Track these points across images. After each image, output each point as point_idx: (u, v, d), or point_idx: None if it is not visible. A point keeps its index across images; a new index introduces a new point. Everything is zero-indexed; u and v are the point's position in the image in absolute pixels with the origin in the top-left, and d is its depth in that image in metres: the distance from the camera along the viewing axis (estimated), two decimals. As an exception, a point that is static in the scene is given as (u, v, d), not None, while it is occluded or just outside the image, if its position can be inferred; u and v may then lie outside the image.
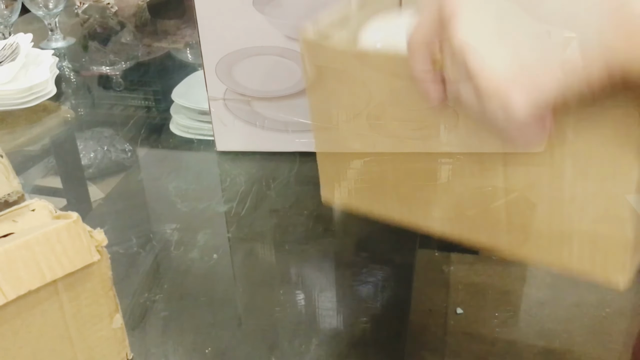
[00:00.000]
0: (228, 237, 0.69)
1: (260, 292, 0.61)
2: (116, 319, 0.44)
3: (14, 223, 0.41)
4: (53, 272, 0.38)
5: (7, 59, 0.98)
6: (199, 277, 0.63)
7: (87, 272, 0.41)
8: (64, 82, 1.12)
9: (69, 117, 0.99)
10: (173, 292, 0.61)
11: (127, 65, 1.20)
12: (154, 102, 1.04)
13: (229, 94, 0.80)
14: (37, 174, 0.84)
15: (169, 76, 1.11)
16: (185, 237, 0.68)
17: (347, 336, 0.55)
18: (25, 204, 0.43)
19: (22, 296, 0.37)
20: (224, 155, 0.84)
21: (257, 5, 0.74)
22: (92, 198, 0.80)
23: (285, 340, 0.55)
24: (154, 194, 0.78)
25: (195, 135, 0.90)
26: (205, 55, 0.78)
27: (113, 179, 0.82)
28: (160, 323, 0.57)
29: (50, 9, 1.24)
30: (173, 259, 0.65)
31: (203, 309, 0.59)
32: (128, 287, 0.61)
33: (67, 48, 1.27)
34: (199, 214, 0.72)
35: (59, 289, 0.40)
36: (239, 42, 0.76)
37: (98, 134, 0.94)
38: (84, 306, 0.42)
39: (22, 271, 0.37)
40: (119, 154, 0.88)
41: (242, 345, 0.54)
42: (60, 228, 0.38)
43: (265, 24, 0.75)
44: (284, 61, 0.77)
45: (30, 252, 0.37)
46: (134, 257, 0.66)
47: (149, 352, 0.54)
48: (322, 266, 0.62)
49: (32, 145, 0.90)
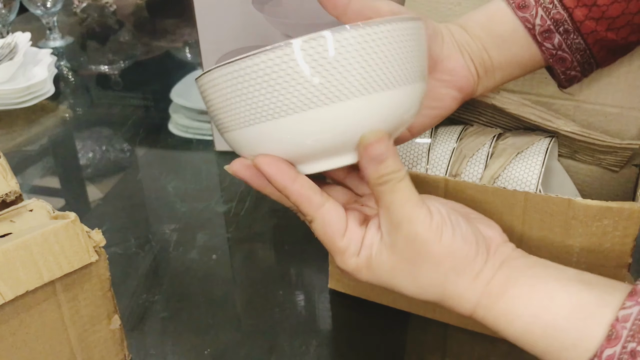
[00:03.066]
0: (227, 238, 0.68)
1: (259, 292, 0.61)
2: (114, 319, 0.44)
3: (12, 223, 0.41)
4: (51, 272, 0.38)
5: (5, 58, 0.98)
6: (198, 277, 0.63)
7: (86, 273, 0.41)
8: (62, 82, 1.11)
9: (67, 117, 0.99)
10: (172, 293, 0.61)
11: (125, 65, 1.20)
12: (152, 102, 1.04)
13: (228, 94, 0.80)
14: (35, 173, 0.84)
15: (167, 75, 1.11)
16: (184, 238, 0.68)
17: (347, 336, 0.55)
18: (23, 204, 0.42)
19: (20, 297, 0.37)
20: (223, 155, 0.83)
21: (256, 4, 0.74)
22: (91, 198, 0.80)
23: (285, 341, 0.54)
24: (153, 194, 0.78)
25: (194, 134, 0.90)
26: (204, 54, 0.77)
27: (111, 179, 0.82)
28: (159, 324, 0.57)
29: (49, 8, 1.23)
30: (172, 260, 0.65)
31: (202, 309, 0.58)
32: (127, 287, 0.61)
33: (66, 47, 1.26)
34: (198, 214, 0.72)
35: (57, 290, 0.40)
36: (238, 41, 0.76)
37: (96, 134, 0.94)
38: (83, 307, 0.42)
39: (20, 272, 0.37)
40: (118, 154, 0.88)
41: (242, 346, 0.54)
42: (58, 228, 0.38)
43: (265, 23, 0.75)
44: (283, 60, 0.77)
45: (28, 253, 0.37)
46: (132, 257, 0.65)
47: (148, 353, 0.54)
48: (322, 266, 0.61)
49: (30, 145, 0.89)
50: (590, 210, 0.42)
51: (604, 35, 0.46)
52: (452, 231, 0.37)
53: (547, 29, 0.46)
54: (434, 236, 0.37)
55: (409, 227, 0.37)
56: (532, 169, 0.52)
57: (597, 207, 0.42)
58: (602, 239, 0.43)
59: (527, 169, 0.52)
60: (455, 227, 0.37)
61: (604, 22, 0.46)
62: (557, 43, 0.47)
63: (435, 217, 0.37)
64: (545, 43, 0.47)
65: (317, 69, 0.34)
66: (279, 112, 0.35)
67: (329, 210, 0.38)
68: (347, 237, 0.39)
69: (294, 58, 0.34)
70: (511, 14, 0.47)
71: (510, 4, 0.47)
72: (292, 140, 0.36)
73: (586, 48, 0.47)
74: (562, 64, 0.48)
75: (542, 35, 0.47)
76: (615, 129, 0.56)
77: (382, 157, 0.36)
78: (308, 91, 0.34)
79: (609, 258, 0.43)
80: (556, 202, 0.43)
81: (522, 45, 0.47)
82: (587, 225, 0.43)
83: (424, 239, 0.37)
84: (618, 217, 0.42)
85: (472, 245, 0.38)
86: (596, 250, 0.44)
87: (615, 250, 0.43)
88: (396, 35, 0.35)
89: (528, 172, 0.52)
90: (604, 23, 0.46)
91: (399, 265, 0.38)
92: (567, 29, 0.46)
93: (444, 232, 0.37)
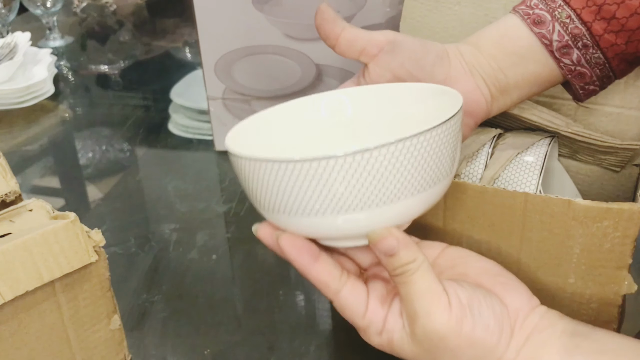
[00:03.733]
0: (227, 238, 0.68)
1: (259, 292, 0.61)
2: (114, 320, 0.44)
3: (12, 223, 0.41)
4: (51, 272, 0.38)
5: (5, 58, 0.98)
6: (198, 277, 0.63)
7: (85, 273, 0.41)
8: (62, 82, 1.11)
9: (67, 117, 0.99)
10: (172, 293, 0.60)
11: (125, 64, 1.20)
12: (152, 102, 1.04)
13: (228, 93, 0.80)
14: (34, 173, 0.84)
15: (167, 75, 1.11)
16: (184, 238, 0.68)
17: (347, 337, 0.55)
18: (22, 204, 0.42)
19: (20, 297, 0.37)
20: (223, 155, 0.83)
21: (256, 4, 0.74)
22: (90, 198, 0.80)
23: (285, 341, 0.54)
24: (153, 194, 0.78)
25: (194, 134, 0.89)
26: (204, 54, 0.77)
27: (111, 178, 0.82)
28: (159, 324, 0.57)
29: (49, 8, 1.23)
30: (172, 260, 0.65)
31: (202, 309, 0.58)
32: (126, 287, 0.61)
33: (65, 47, 1.26)
34: (198, 214, 0.72)
35: (56, 290, 0.40)
36: (238, 41, 0.76)
37: (96, 134, 0.94)
38: (82, 307, 0.42)
39: (20, 272, 0.37)
40: (118, 154, 0.88)
41: (241, 346, 0.54)
42: (58, 228, 0.38)
43: (265, 23, 0.75)
44: (283, 60, 0.77)
45: (27, 253, 0.37)
46: (132, 257, 0.65)
47: (148, 353, 0.54)
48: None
49: (29, 144, 0.89)
50: (590, 211, 0.42)
51: (623, 49, 0.45)
52: (472, 323, 0.36)
53: (565, 45, 0.45)
54: (452, 330, 0.36)
55: (426, 322, 0.36)
56: (532, 169, 0.52)
57: (597, 208, 0.42)
58: (602, 240, 0.43)
59: (527, 170, 0.52)
60: (477, 317, 0.37)
61: (623, 34, 0.44)
62: (576, 58, 0.45)
63: (455, 310, 0.36)
64: (563, 59, 0.45)
65: (366, 178, 0.35)
66: (320, 210, 0.36)
67: (346, 296, 0.38)
68: (368, 318, 0.39)
69: (346, 167, 0.34)
70: (526, 30, 0.45)
71: (524, 20, 0.45)
72: (324, 231, 0.38)
73: (605, 62, 0.46)
74: (581, 79, 0.47)
75: (560, 51, 0.45)
76: (616, 129, 0.56)
77: (392, 250, 0.37)
78: (354, 196, 0.35)
79: (609, 259, 0.43)
80: (556, 203, 0.43)
81: (539, 62, 0.46)
82: (587, 226, 0.43)
83: (442, 334, 0.36)
84: (618, 218, 0.42)
85: (494, 333, 0.37)
86: (596, 251, 0.44)
87: (616, 251, 0.43)
88: (431, 143, 0.36)
89: (528, 173, 0.52)
90: (623, 36, 0.44)
91: (420, 353, 0.38)
92: (586, 43, 0.45)
93: (464, 325, 0.36)
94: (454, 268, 0.41)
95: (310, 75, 0.78)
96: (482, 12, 0.58)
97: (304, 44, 0.76)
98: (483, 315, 0.37)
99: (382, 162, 0.34)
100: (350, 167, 0.34)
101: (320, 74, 0.78)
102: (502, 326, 0.37)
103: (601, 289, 0.45)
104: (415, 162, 0.35)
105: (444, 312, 0.36)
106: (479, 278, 0.40)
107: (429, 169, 0.36)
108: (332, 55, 0.78)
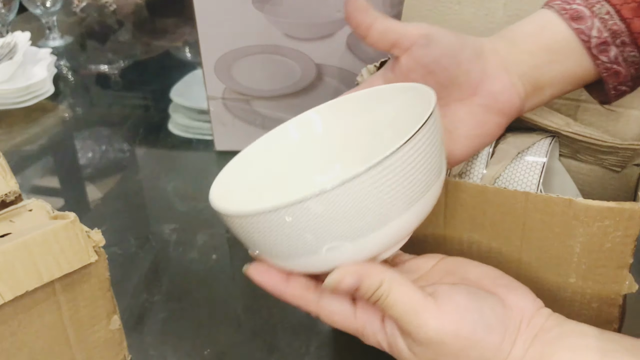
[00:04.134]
0: (227, 238, 0.68)
1: (259, 292, 0.60)
2: (114, 320, 0.44)
3: (11, 223, 0.40)
4: (50, 272, 0.38)
5: (5, 58, 0.98)
6: (198, 277, 0.62)
7: (85, 273, 0.41)
8: (62, 81, 1.11)
9: (67, 117, 0.98)
10: (172, 293, 0.60)
11: (125, 64, 1.20)
12: (152, 101, 1.04)
13: (228, 93, 0.80)
14: (34, 173, 0.84)
15: (167, 75, 1.11)
16: (184, 238, 0.68)
17: (347, 337, 0.55)
18: (22, 204, 0.42)
19: (20, 297, 0.37)
20: (223, 154, 0.83)
21: (256, 4, 0.74)
22: (90, 198, 0.80)
23: (285, 341, 0.54)
24: (153, 194, 0.78)
25: (194, 134, 0.89)
26: (204, 53, 0.77)
27: (111, 178, 0.82)
28: (159, 324, 0.57)
29: (48, 8, 1.23)
30: (172, 260, 0.65)
31: (202, 309, 0.58)
32: (126, 288, 0.61)
33: (65, 47, 1.26)
34: (198, 214, 0.72)
35: (56, 290, 0.40)
36: (238, 40, 0.76)
37: (96, 134, 0.94)
38: (82, 307, 0.41)
39: (20, 272, 0.37)
40: (117, 154, 0.88)
41: (241, 347, 0.54)
42: (57, 228, 0.38)
43: (265, 23, 0.75)
44: (283, 60, 0.77)
45: (27, 253, 0.37)
46: (132, 257, 0.65)
47: (148, 353, 0.54)
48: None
49: (29, 144, 0.89)
50: (591, 210, 0.42)
51: None
52: (472, 324, 0.36)
53: (603, 42, 0.43)
54: (449, 334, 0.36)
55: (420, 334, 0.36)
56: (533, 169, 0.52)
57: (598, 208, 0.42)
58: (603, 239, 0.43)
59: (528, 169, 0.52)
60: (476, 318, 0.36)
61: None
62: (614, 56, 0.43)
63: (449, 314, 0.36)
64: (600, 56, 0.43)
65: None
66: (307, 250, 0.36)
67: (330, 302, 0.39)
68: (360, 317, 0.39)
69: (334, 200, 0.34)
70: (564, 26, 0.43)
71: (561, 15, 0.43)
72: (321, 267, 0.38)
73: None
74: (616, 78, 0.44)
75: (598, 48, 0.43)
76: (617, 129, 0.56)
77: (354, 286, 0.37)
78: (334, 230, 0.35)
79: (609, 258, 0.43)
80: (557, 202, 0.43)
81: (576, 59, 0.44)
82: (588, 226, 0.43)
83: (439, 340, 0.36)
84: (619, 218, 0.42)
85: (498, 332, 0.36)
86: (597, 251, 0.43)
87: (616, 250, 0.43)
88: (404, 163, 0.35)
89: (529, 172, 0.52)
90: None
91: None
92: (624, 41, 0.43)
93: (462, 327, 0.36)
94: (454, 274, 0.41)
95: (310, 75, 0.78)
96: (482, 12, 0.58)
97: (304, 43, 0.76)
98: (484, 316, 0.37)
99: (357, 192, 0.34)
100: (330, 201, 0.34)
101: (321, 74, 0.78)
102: (505, 325, 0.37)
103: (602, 288, 0.45)
104: (384, 190, 0.34)
105: (434, 319, 0.36)
106: (480, 282, 0.39)
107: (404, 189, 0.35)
108: (332, 55, 0.78)
